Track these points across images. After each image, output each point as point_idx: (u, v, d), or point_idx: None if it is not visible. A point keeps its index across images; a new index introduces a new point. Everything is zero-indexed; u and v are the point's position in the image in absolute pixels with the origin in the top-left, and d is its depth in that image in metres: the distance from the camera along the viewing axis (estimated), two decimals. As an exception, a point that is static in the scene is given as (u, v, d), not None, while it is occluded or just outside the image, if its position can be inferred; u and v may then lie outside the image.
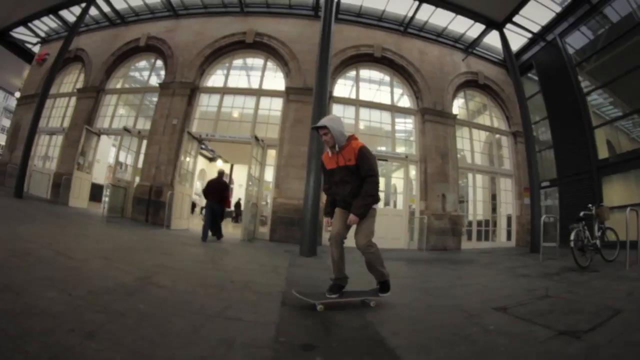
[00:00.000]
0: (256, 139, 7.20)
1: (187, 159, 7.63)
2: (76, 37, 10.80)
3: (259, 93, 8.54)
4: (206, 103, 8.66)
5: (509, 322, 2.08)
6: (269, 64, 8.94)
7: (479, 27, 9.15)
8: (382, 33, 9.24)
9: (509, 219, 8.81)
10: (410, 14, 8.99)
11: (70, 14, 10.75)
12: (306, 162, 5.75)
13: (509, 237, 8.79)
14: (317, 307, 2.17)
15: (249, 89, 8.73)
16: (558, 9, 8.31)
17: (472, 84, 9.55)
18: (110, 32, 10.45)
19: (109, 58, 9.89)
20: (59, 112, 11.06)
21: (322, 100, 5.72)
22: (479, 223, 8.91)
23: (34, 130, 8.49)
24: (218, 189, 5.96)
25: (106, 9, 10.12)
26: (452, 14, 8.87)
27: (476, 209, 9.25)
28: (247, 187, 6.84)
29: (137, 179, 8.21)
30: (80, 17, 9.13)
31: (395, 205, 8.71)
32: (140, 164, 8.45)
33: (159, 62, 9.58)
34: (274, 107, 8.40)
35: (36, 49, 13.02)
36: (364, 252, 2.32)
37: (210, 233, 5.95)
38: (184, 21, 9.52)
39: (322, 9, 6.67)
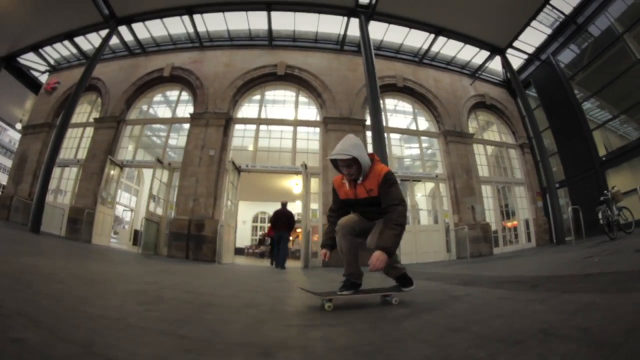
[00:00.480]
0: (305, 167, 7.33)
1: (231, 190, 7.52)
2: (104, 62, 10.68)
3: (295, 123, 8.78)
4: (241, 134, 8.72)
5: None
6: (301, 96, 9.27)
7: (484, 54, 10.12)
8: (401, 64, 9.95)
9: (526, 222, 9.41)
10: (425, 46, 9.80)
11: (85, 41, 10.59)
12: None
13: (528, 239, 9.36)
14: (325, 306, 1.81)
15: (285, 119, 8.96)
16: (549, 31, 9.38)
17: (480, 105, 10.41)
18: (129, 62, 10.35)
19: (130, 88, 9.73)
20: (72, 142, 10.54)
21: (379, 131, 6.04)
22: (500, 229, 9.45)
23: (52, 162, 8.02)
24: (286, 218, 6.05)
25: (127, 37, 10.04)
26: (461, 44, 9.80)
27: (492, 217, 9.78)
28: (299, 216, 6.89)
29: (172, 213, 7.93)
30: (103, 45, 9.01)
31: (435, 221, 9.01)
32: (170, 197, 8.22)
33: (184, 93, 9.59)
34: (311, 137, 8.65)
35: (43, 78, 12.57)
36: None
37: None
38: (210, 52, 9.68)
39: (362, 50, 7.21)
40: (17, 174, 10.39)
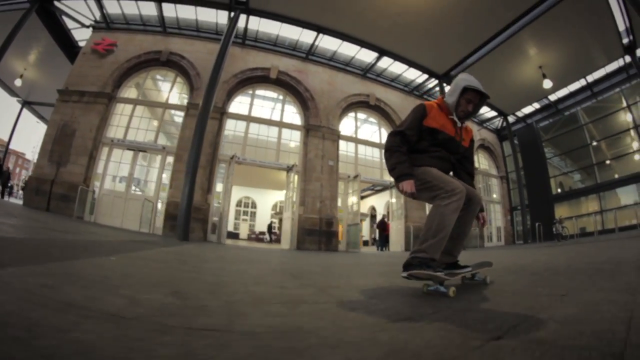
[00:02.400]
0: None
1: (354, 197, 9.52)
2: (171, 37, 10.20)
3: (380, 146, 11.08)
4: (345, 148, 10.49)
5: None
6: (382, 126, 11.59)
7: (491, 112, 14.43)
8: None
9: (498, 229, 14.44)
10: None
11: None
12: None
13: (499, 240, 14.34)
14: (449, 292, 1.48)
15: (373, 142, 11.21)
16: (538, 106, 14.23)
17: (482, 146, 14.77)
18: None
19: (231, 79, 9.87)
20: (142, 122, 9.79)
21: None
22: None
23: (197, 158, 7.53)
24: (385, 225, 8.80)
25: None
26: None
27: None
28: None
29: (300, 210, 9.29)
30: (232, 30, 8.77)
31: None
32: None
33: (288, 99, 10.49)
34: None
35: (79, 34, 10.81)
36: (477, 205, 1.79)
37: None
38: (312, 66, 10.76)
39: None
40: (57, 151, 8.83)
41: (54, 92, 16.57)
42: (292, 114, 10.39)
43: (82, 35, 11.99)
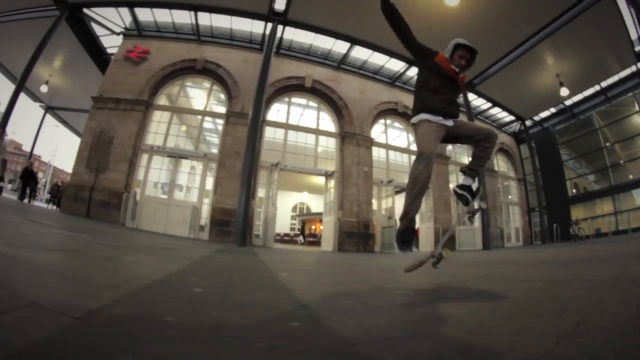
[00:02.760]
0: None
1: (388, 200, 9.95)
2: (205, 45, 10.45)
3: (409, 152, 11.52)
4: (377, 154, 10.89)
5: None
6: (410, 132, 12.00)
7: (509, 116, 14.91)
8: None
9: (516, 229, 14.95)
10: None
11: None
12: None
13: (517, 240, 14.87)
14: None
15: (404, 147, 11.62)
16: (554, 110, 14.74)
17: (500, 149, 15.24)
18: (256, 57, 10.42)
19: (268, 88, 10.12)
20: (180, 130, 10.12)
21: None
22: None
23: (252, 168, 7.89)
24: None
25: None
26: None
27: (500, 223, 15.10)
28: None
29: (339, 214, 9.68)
30: (272, 41, 9.16)
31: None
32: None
33: (323, 107, 10.85)
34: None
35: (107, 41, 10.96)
36: (491, 137, 2.13)
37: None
38: (344, 75, 11.12)
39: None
40: (95, 158, 9.02)
41: (78, 97, 16.79)
42: (327, 121, 10.75)
43: (110, 42, 12.17)
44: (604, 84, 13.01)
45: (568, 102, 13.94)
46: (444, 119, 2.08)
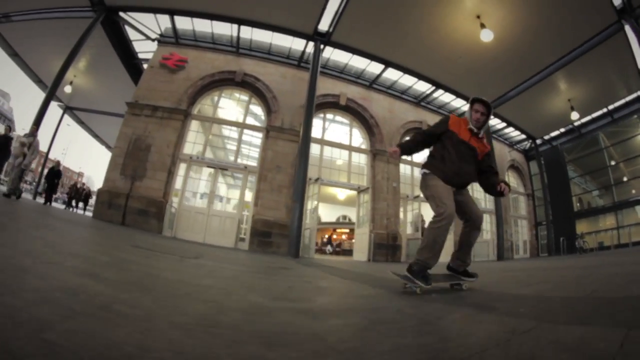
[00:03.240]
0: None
1: (414, 214, 10.64)
2: (243, 57, 10.84)
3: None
4: (403, 170, 11.54)
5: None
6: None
7: (520, 135, 15.74)
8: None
9: (524, 242, 15.88)
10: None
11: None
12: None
13: (525, 252, 15.76)
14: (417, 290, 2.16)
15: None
16: (563, 130, 15.58)
17: (512, 166, 16.06)
18: (293, 72, 10.96)
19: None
20: (218, 141, 10.53)
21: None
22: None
23: (304, 182, 8.39)
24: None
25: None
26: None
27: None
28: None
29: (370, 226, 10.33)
30: (317, 60, 9.66)
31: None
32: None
33: (355, 124, 11.41)
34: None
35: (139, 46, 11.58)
36: (479, 227, 2.36)
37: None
38: (374, 94, 11.67)
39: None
40: (130, 165, 9.17)
41: (101, 99, 16.85)
42: (356, 137, 11.33)
43: (141, 47, 12.32)
44: (610, 106, 13.92)
45: (577, 123, 14.83)
46: (456, 189, 2.29)
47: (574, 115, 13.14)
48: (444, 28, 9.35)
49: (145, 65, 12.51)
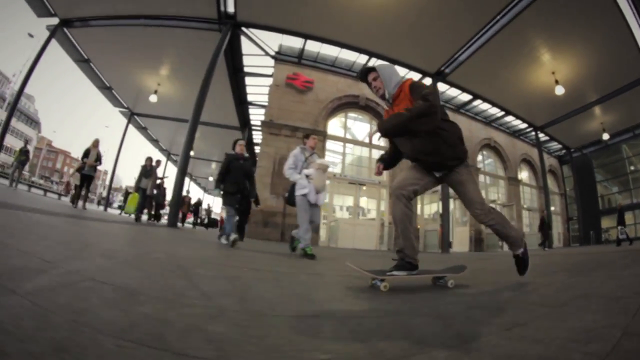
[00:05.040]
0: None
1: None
2: (360, 82, 12.03)
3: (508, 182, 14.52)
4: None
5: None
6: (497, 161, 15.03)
7: (558, 145, 18.57)
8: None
9: (558, 234, 18.79)
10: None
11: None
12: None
13: (559, 242, 18.62)
14: (381, 287, 1.66)
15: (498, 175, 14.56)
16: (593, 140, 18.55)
17: (549, 171, 18.76)
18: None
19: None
20: (349, 159, 11.77)
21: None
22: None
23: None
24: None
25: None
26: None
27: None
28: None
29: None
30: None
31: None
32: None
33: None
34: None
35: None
36: (485, 222, 1.88)
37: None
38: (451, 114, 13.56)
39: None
40: (279, 184, 9.52)
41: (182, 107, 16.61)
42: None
43: (248, 62, 12.39)
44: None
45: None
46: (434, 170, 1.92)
47: (605, 136, 15.97)
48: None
49: (247, 79, 13.13)
